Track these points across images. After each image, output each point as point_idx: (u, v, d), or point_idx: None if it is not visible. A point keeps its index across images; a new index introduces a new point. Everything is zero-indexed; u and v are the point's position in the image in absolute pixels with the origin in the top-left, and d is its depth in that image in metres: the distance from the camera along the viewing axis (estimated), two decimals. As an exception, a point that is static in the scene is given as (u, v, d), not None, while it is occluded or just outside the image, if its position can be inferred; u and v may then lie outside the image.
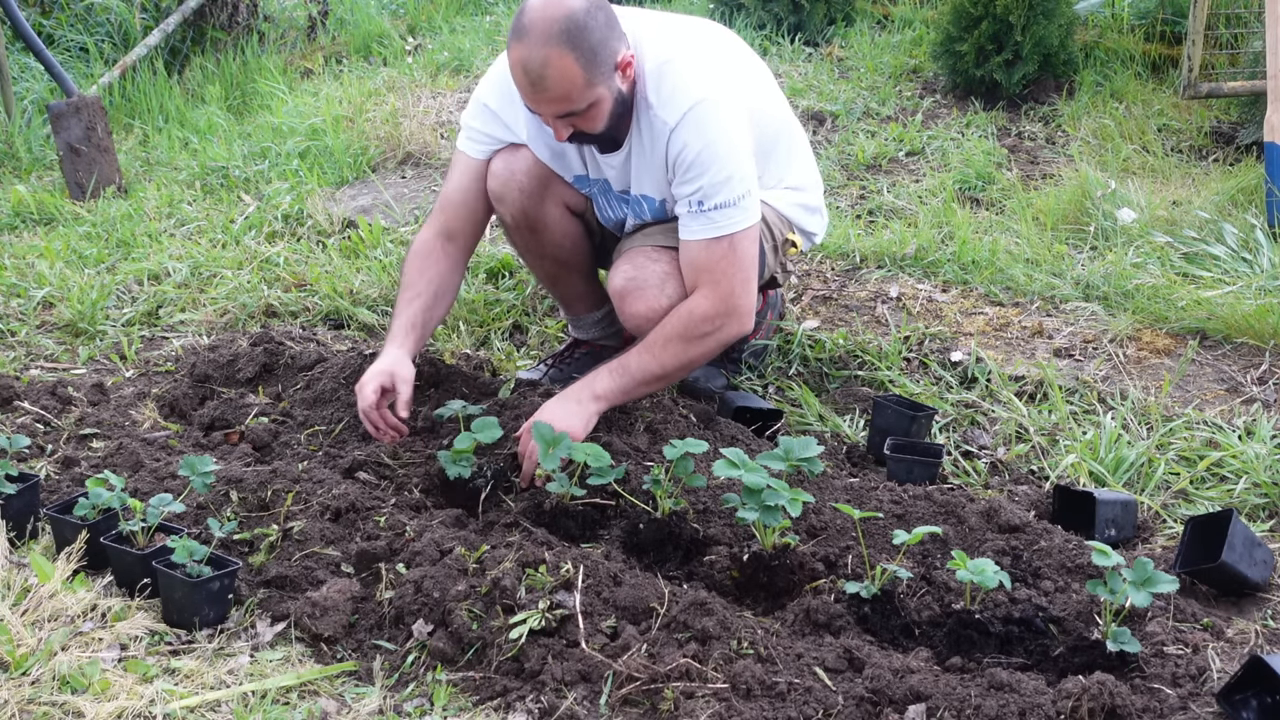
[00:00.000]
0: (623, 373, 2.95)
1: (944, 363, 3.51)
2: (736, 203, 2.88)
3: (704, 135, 2.86)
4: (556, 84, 2.73)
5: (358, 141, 5.26)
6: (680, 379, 3.19)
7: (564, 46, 2.69)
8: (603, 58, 2.76)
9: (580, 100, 2.77)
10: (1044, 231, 4.28)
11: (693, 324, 2.94)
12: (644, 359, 2.95)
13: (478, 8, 7.70)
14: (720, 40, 3.17)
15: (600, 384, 2.93)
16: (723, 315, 2.94)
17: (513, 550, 2.45)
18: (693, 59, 2.94)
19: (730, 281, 2.93)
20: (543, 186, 3.19)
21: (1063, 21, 5.51)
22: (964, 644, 2.34)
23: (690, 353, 2.96)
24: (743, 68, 3.14)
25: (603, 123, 2.86)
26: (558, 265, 3.38)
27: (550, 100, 2.77)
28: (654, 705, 2.18)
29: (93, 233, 4.58)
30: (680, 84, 2.88)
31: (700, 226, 2.90)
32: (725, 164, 2.87)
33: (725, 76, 2.99)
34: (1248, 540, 2.55)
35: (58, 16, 6.45)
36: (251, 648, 2.39)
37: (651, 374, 2.97)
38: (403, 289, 3.18)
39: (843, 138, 5.32)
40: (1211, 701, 2.18)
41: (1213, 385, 3.33)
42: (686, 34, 3.06)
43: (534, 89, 2.75)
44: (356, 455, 3.00)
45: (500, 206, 3.21)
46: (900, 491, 2.84)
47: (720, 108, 2.89)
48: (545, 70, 2.70)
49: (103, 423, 3.19)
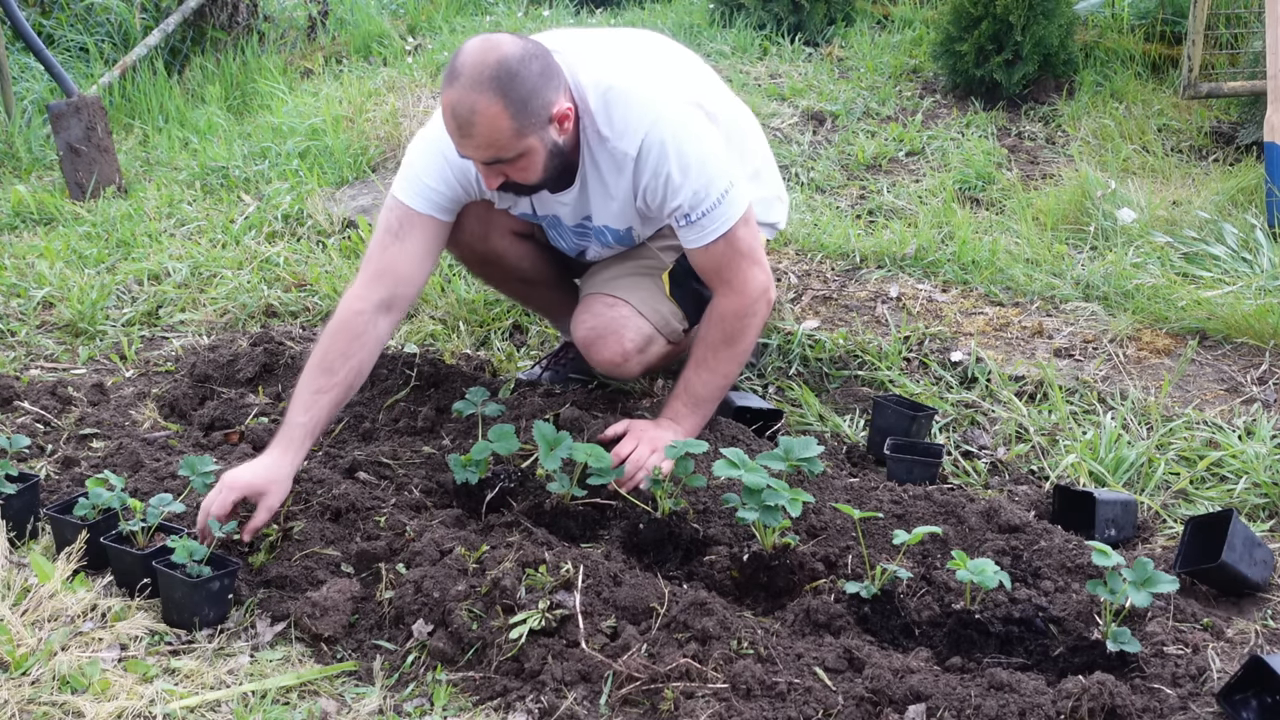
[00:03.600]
0: (695, 401, 3.01)
1: (944, 363, 3.51)
2: (720, 202, 2.86)
3: (666, 156, 2.82)
4: (483, 132, 2.65)
5: (358, 141, 5.26)
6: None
7: (493, 94, 2.61)
8: (534, 108, 2.66)
9: (508, 150, 2.68)
10: (1044, 231, 4.28)
11: (727, 325, 2.98)
12: (704, 377, 3.01)
13: (478, 8, 7.71)
14: (652, 48, 3.14)
15: (688, 421, 3.00)
16: (749, 304, 2.97)
17: (513, 550, 2.45)
18: (633, 80, 2.88)
19: (741, 273, 2.95)
20: (485, 226, 3.17)
21: (1063, 21, 5.51)
22: (964, 644, 2.34)
23: (739, 349, 3.02)
24: (681, 70, 3.11)
25: (536, 175, 2.77)
26: (523, 284, 3.40)
27: (476, 147, 2.68)
28: (654, 705, 2.18)
29: (93, 233, 4.58)
30: (629, 111, 2.83)
31: (695, 235, 2.91)
32: (696, 175, 2.84)
33: (668, 87, 2.94)
34: (1248, 540, 2.55)
35: (58, 16, 6.45)
36: (251, 648, 2.39)
37: (719, 386, 3.04)
38: (318, 372, 2.79)
39: (843, 138, 5.32)
40: (1211, 701, 2.18)
41: (1213, 385, 3.33)
42: (619, 52, 3.02)
43: (460, 133, 2.67)
44: (356, 455, 3.00)
45: (450, 248, 3.17)
46: (900, 491, 2.84)
47: (674, 122, 2.84)
48: (473, 117, 2.63)
49: (103, 423, 3.20)
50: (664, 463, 2.77)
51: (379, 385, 3.27)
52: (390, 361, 3.32)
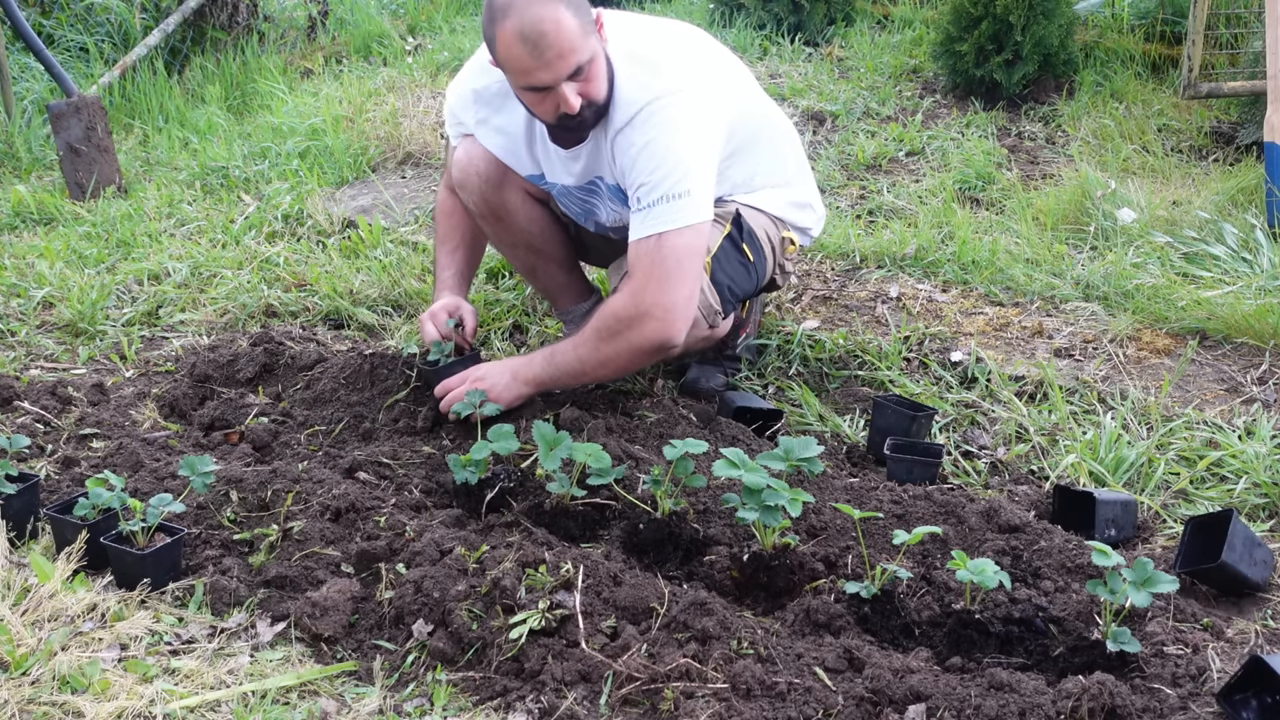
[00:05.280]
0: (552, 363, 3.01)
1: (944, 363, 3.51)
2: (673, 199, 2.82)
3: (645, 134, 2.83)
4: (558, 38, 2.68)
5: (358, 141, 5.27)
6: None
7: (552, 1, 2.67)
8: (584, 9, 2.76)
9: (583, 51, 2.73)
10: (1044, 231, 4.28)
11: (605, 320, 2.91)
12: (568, 354, 2.99)
13: (478, 8, 7.70)
14: (693, 38, 3.15)
15: (535, 369, 3.01)
16: (635, 316, 2.86)
17: (513, 550, 2.45)
18: (660, 53, 2.93)
19: (647, 276, 2.84)
20: (501, 173, 3.23)
21: (1063, 21, 5.51)
22: (964, 644, 2.34)
23: (603, 351, 2.92)
24: (715, 66, 3.11)
25: (603, 85, 2.83)
26: (531, 253, 3.41)
27: (558, 56, 2.70)
28: (654, 705, 2.18)
29: (93, 233, 4.58)
30: (647, 77, 2.87)
31: (638, 223, 2.86)
32: (663, 160, 2.82)
33: (691, 74, 2.95)
34: (1248, 540, 2.55)
35: (58, 16, 6.45)
36: (251, 648, 2.39)
37: (572, 370, 2.99)
38: (440, 243, 3.42)
39: (843, 138, 5.32)
40: (1211, 701, 2.18)
41: (1213, 385, 3.33)
42: (656, 31, 3.05)
43: (536, 52, 2.69)
44: (356, 455, 3.00)
45: (463, 194, 3.28)
46: (900, 491, 2.84)
47: (674, 107, 2.85)
48: (543, 26, 2.66)
49: (103, 423, 3.20)
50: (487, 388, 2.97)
51: (379, 385, 3.27)
52: (390, 361, 3.32)
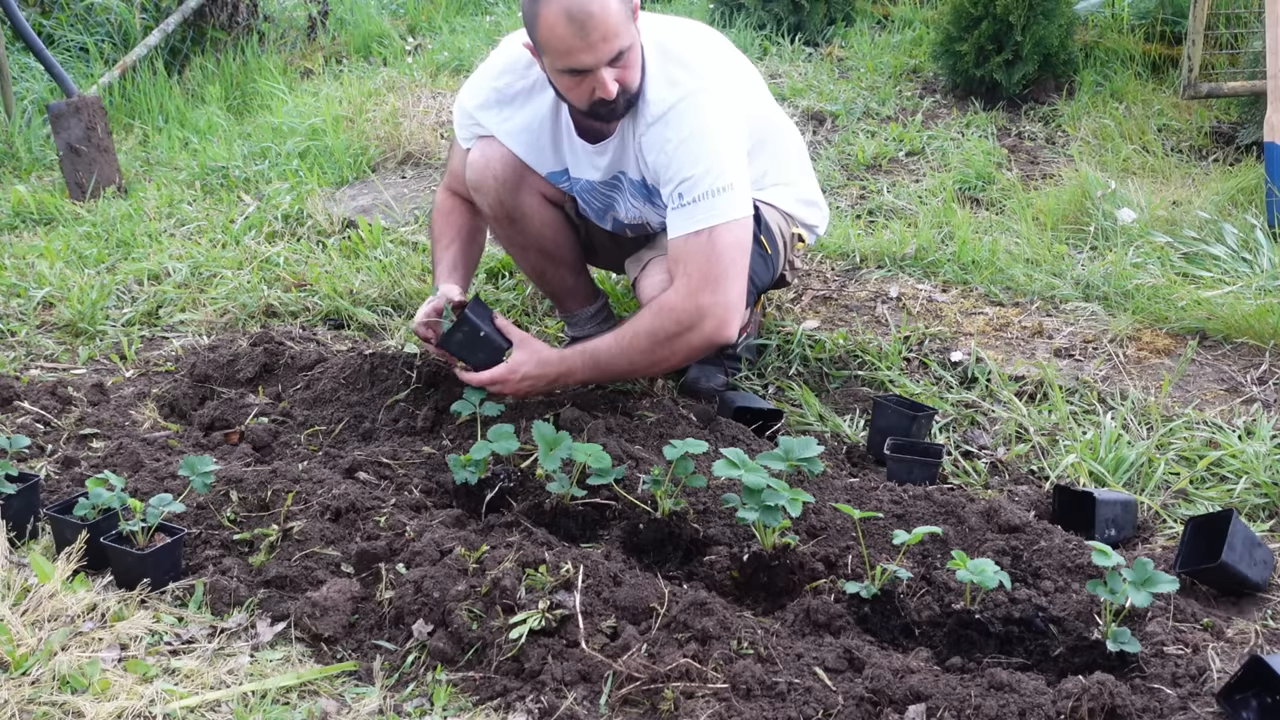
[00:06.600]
0: (597, 368, 2.99)
1: (944, 363, 3.51)
2: (717, 194, 2.83)
3: (680, 130, 2.84)
4: (604, 20, 2.71)
5: (358, 141, 5.27)
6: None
7: None
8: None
9: (625, 35, 2.76)
10: (1044, 231, 4.28)
11: (661, 322, 2.89)
12: (616, 358, 2.97)
13: (478, 8, 7.71)
14: (711, 37, 3.16)
15: (579, 376, 3.01)
16: (695, 318, 2.87)
17: (513, 550, 2.45)
18: (689, 49, 2.94)
19: (703, 275, 2.85)
20: (518, 176, 3.21)
21: (1063, 21, 5.51)
22: (964, 644, 2.34)
23: (658, 353, 2.93)
24: (734, 65, 3.13)
25: (639, 72, 2.85)
26: (542, 257, 3.39)
27: (603, 38, 2.72)
28: (654, 705, 2.18)
29: (93, 233, 4.58)
30: (677, 72, 2.89)
31: (682, 219, 2.86)
32: (701, 157, 2.83)
33: (708, 72, 2.96)
34: (1248, 540, 2.55)
35: (58, 16, 6.45)
36: (251, 648, 2.39)
37: (620, 372, 3.01)
38: (434, 242, 3.37)
39: (843, 138, 5.32)
40: (1211, 701, 2.18)
41: (1213, 385, 3.33)
42: (682, 27, 3.07)
43: (583, 33, 2.71)
44: (356, 455, 3.00)
45: (478, 196, 3.25)
46: (900, 491, 2.84)
47: (707, 102, 2.87)
48: (590, 8, 2.68)
49: (103, 423, 3.19)
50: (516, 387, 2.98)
51: (379, 385, 3.27)
52: (390, 361, 3.32)
